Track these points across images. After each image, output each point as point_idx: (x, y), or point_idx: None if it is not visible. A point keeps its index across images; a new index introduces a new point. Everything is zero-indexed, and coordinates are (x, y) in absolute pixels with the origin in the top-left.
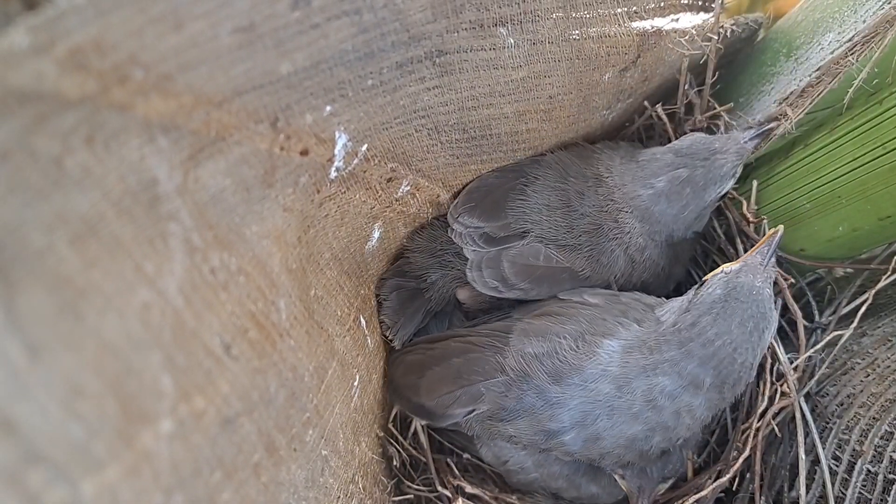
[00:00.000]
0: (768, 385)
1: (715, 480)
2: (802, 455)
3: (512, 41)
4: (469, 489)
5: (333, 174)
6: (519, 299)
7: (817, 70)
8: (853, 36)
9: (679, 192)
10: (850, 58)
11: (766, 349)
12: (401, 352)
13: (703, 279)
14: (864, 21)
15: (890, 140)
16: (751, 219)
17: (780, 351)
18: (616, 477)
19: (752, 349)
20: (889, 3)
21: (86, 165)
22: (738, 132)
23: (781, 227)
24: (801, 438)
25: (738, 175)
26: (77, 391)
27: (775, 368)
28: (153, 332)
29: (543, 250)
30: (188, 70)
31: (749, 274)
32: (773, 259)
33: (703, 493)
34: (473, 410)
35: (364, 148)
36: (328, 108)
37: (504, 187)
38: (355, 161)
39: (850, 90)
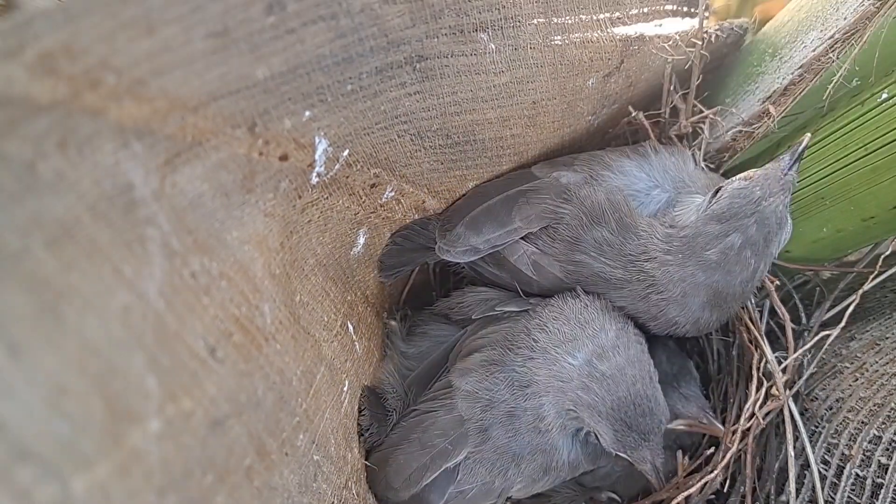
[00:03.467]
0: (754, 386)
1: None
2: (792, 457)
3: (493, 46)
4: None
5: (315, 179)
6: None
7: (800, 68)
8: (834, 33)
9: (737, 259)
10: (830, 55)
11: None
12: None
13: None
14: (846, 18)
15: (871, 141)
16: None
17: (769, 353)
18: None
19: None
20: None
21: (59, 170)
22: (774, 164)
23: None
24: (789, 440)
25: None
26: (61, 389)
27: (762, 368)
28: (135, 333)
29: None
30: (161, 75)
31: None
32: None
33: (690, 491)
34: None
35: (345, 153)
36: (307, 113)
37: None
38: (337, 166)
39: (830, 86)
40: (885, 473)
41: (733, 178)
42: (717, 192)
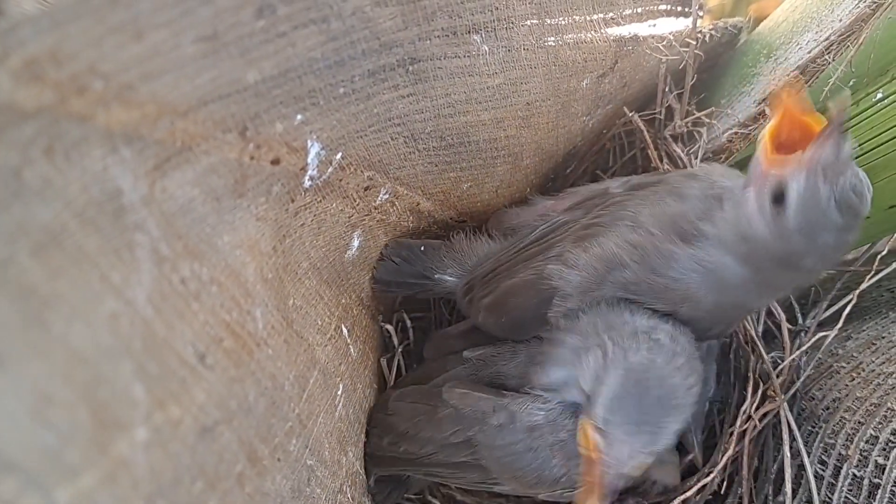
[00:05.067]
0: (751, 388)
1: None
2: (788, 458)
3: (486, 48)
4: (459, 497)
5: (308, 183)
6: None
7: (795, 69)
8: (830, 35)
9: (837, 248)
10: (826, 57)
11: None
12: None
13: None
14: (841, 20)
15: (867, 141)
16: None
17: (765, 354)
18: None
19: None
20: (864, 1)
21: (46, 176)
22: (816, 148)
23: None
24: (786, 441)
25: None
26: (46, 399)
27: (758, 369)
28: (123, 341)
29: None
30: (150, 79)
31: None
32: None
33: (687, 494)
34: None
35: (339, 156)
36: (299, 116)
37: None
38: (330, 170)
39: (826, 89)
40: (882, 473)
41: (783, 176)
42: (775, 196)
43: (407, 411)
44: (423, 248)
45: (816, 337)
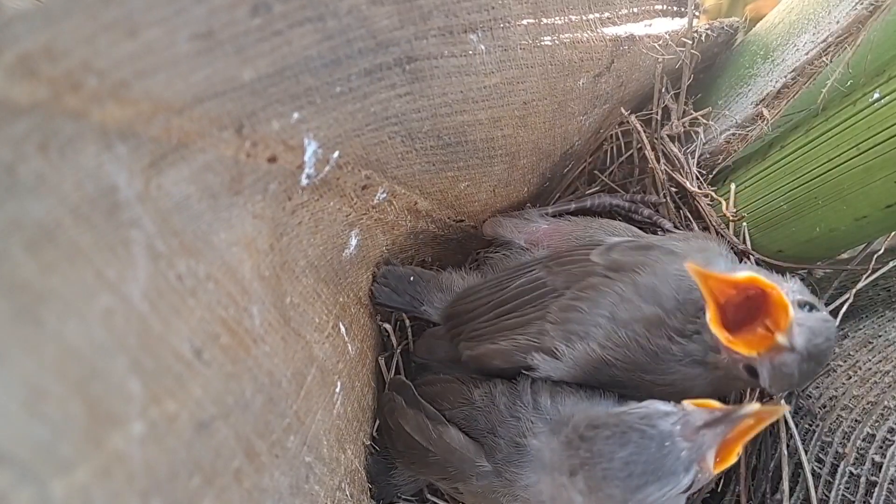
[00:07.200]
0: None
1: None
2: (786, 456)
3: (483, 47)
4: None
5: (305, 181)
6: None
7: (793, 71)
8: (827, 36)
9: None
10: (824, 58)
11: None
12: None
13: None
14: (838, 22)
15: (863, 141)
16: (731, 217)
17: None
18: None
19: None
20: (861, 3)
21: (40, 172)
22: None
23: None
24: (783, 439)
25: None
26: (40, 393)
27: None
28: (118, 336)
29: None
30: (145, 77)
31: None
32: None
33: None
34: None
35: (336, 155)
36: (295, 114)
37: None
38: (327, 168)
39: (824, 90)
40: (879, 471)
41: (749, 360)
42: (748, 371)
43: (402, 437)
44: (412, 278)
45: None
